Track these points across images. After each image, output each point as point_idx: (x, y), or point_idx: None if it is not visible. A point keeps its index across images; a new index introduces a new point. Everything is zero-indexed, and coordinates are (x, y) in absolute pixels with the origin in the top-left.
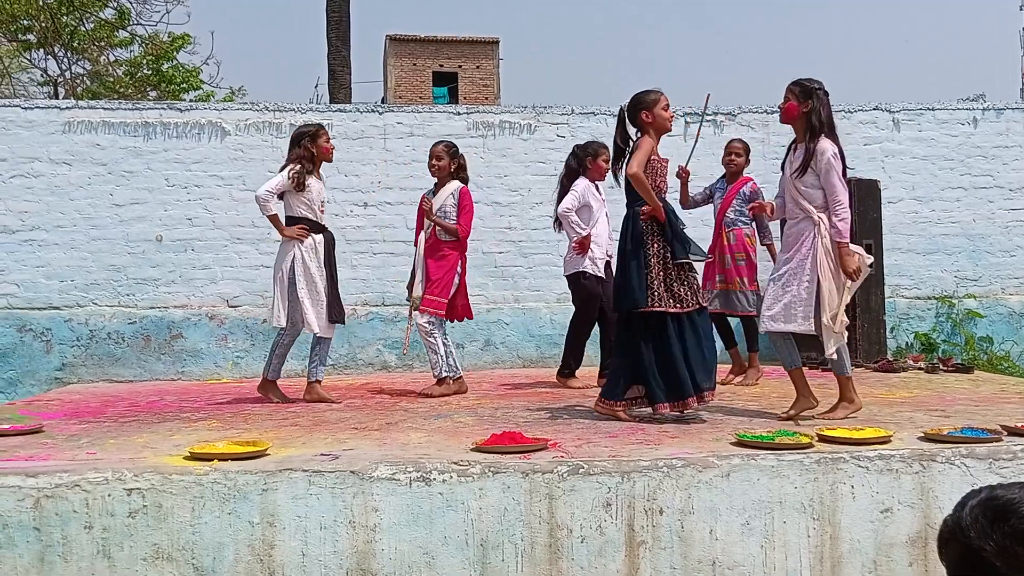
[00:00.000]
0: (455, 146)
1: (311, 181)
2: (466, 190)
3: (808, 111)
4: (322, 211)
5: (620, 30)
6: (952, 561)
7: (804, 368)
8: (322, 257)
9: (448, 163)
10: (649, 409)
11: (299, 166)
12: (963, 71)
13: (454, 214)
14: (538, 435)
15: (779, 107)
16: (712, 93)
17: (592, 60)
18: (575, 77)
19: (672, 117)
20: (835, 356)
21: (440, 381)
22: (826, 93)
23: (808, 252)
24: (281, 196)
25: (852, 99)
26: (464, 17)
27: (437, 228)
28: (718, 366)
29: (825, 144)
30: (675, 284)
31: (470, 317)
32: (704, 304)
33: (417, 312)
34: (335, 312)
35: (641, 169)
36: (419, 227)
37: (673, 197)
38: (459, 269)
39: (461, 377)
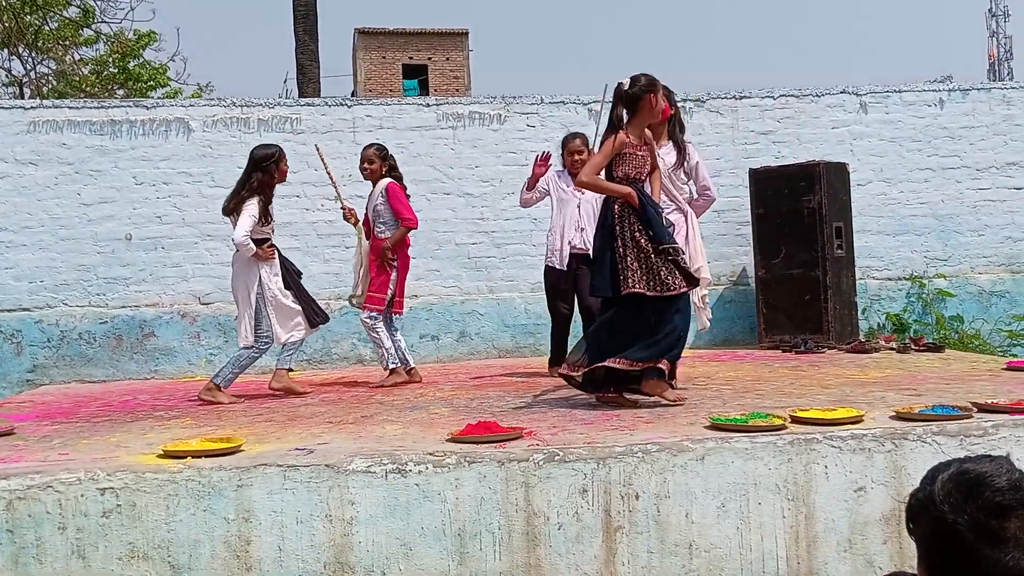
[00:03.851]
0: (385, 148)
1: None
2: (393, 184)
3: (674, 114)
4: (273, 231)
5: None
6: (924, 535)
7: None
8: (280, 270)
9: (380, 166)
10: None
11: (260, 202)
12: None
13: (387, 213)
14: (513, 424)
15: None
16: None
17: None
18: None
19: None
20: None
21: (391, 372)
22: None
23: (687, 241)
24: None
25: (819, 82)
26: (433, 9)
27: (376, 228)
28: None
29: (690, 146)
30: (657, 266)
31: (400, 313)
32: (685, 289)
33: (360, 309)
34: (319, 315)
35: (591, 175)
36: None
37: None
38: (395, 265)
39: (413, 368)
